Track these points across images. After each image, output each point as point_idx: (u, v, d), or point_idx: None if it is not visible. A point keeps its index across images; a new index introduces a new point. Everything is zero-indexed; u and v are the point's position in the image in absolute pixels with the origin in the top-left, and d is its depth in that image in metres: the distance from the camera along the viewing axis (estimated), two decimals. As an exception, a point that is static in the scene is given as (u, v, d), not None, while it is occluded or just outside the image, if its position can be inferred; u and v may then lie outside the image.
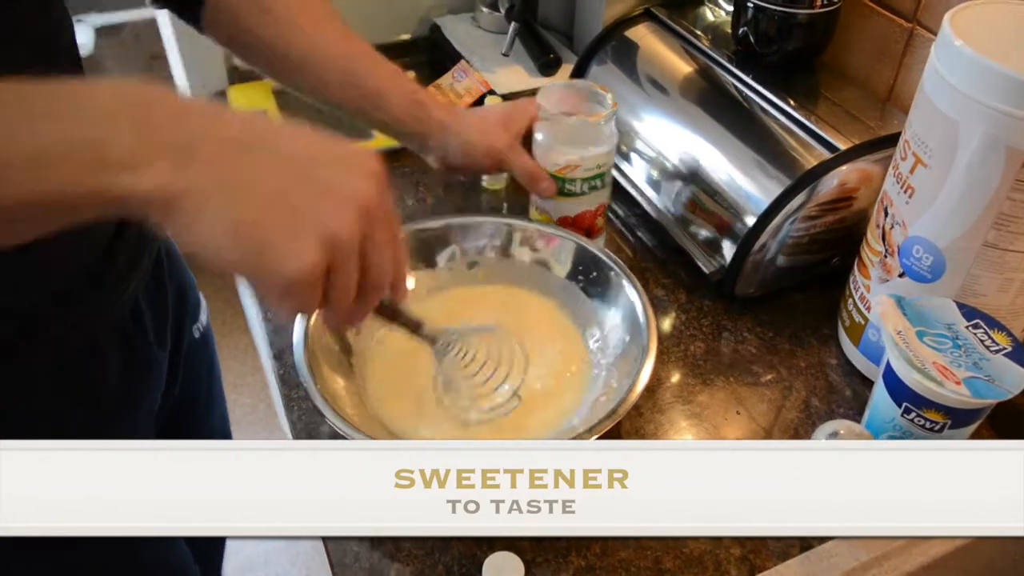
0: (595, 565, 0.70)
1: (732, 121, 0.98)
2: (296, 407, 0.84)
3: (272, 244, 0.46)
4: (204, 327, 1.00)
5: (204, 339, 1.01)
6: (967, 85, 0.67)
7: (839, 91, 1.00)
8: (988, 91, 0.66)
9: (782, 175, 0.89)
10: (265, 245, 0.46)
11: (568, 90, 0.95)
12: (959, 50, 0.67)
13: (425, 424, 0.79)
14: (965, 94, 0.67)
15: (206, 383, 1.05)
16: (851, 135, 0.89)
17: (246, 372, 2.36)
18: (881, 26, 0.98)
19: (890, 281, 0.79)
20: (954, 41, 0.67)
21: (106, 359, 0.78)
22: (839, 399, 0.85)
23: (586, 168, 0.91)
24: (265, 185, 0.46)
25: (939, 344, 0.71)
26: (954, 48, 0.67)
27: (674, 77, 1.08)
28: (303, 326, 0.79)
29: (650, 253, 1.03)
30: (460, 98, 1.20)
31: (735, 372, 0.88)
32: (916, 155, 0.73)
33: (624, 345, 0.81)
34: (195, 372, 0.99)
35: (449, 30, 1.36)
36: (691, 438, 0.82)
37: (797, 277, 0.95)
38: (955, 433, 0.70)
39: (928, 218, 0.74)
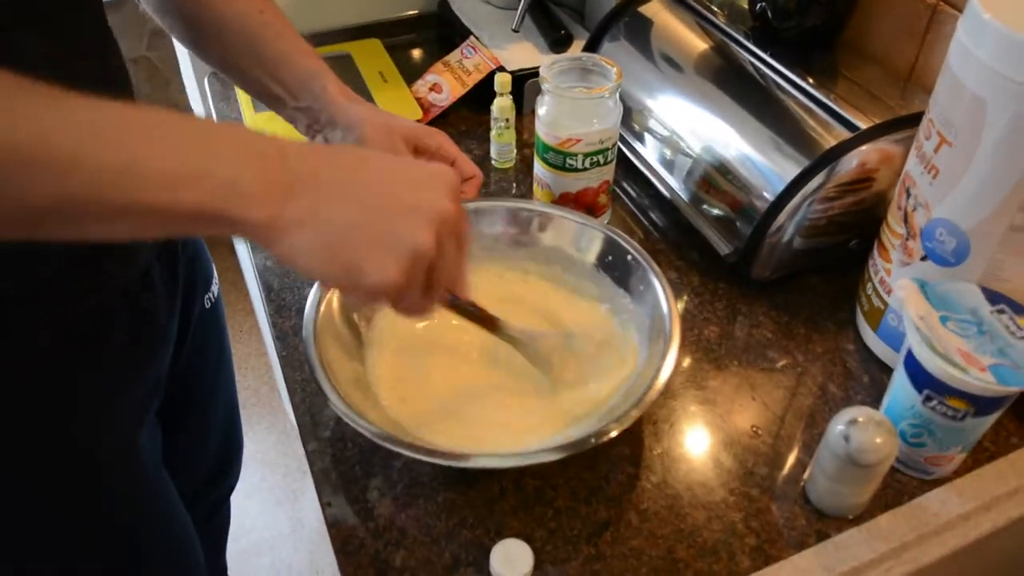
0: (606, 554, 0.69)
1: (748, 99, 0.96)
2: (300, 390, 0.82)
3: (359, 262, 0.54)
4: (215, 298, 1.01)
5: (214, 310, 1.01)
6: (996, 61, 0.64)
7: (859, 69, 0.98)
8: (1018, 67, 0.63)
9: (800, 155, 0.86)
10: (353, 263, 0.54)
11: (573, 63, 0.93)
12: (987, 24, 0.64)
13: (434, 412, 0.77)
14: (993, 70, 0.64)
15: (215, 354, 1.05)
16: (871, 114, 0.86)
17: (250, 354, 2.35)
18: (903, 2, 0.95)
19: (912, 264, 0.77)
20: (982, 15, 0.65)
21: (115, 323, 0.78)
22: (856, 385, 0.83)
23: (588, 143, 0.89)
24: (355, 209, 0.54)
25: (963, 330, 0.68)
26: (982, 22, 0.65)
27: (689, 54, 1.05)
28: (312, 311, 0.77)
29: (662, 234, 1.01)
30: (468, 75, 1.18)
31: (750, 357, 0.86)
32: (941, 134, 0.71)
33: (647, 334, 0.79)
34: (204, 342, 0.99)
35: (458, 5, 1.33)
36: (702, 424, 0.80)
37: (814, 260, 0.93)
38: (978, 422, 0.68)
39: (952, 200, 0.71)
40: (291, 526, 1.97)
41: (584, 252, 0.87)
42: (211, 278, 1.00)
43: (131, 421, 0.83)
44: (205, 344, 1.01)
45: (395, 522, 0.71)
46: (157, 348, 0.86)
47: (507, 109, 1.05)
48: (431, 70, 1.22)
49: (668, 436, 0.78)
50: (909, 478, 0.75)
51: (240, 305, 2.41)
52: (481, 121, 1.17)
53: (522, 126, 1.17)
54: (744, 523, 0.71)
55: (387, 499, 0.73)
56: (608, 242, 0.86)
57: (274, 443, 2.14)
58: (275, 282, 0.93)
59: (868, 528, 0.71)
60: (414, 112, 1.17)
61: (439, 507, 0.72)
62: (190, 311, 0.94)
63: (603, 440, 0.66)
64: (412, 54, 1.36)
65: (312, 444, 0.77)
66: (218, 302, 1.03)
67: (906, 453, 0.73)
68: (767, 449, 0.77)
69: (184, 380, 0.96)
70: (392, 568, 0.68)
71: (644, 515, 0.72)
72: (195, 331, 0.96)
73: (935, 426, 0.70)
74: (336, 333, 0.78)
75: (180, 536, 0.95)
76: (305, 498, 2.02)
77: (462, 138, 1.16)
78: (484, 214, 0.89)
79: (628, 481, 0.74)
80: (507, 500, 0.73)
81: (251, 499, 2.00)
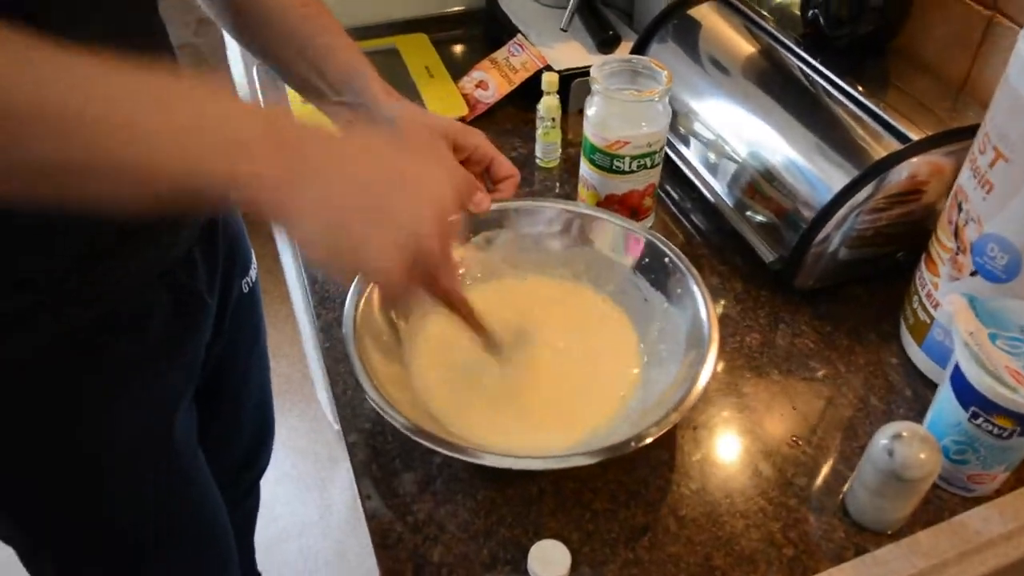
0: (643, 559, 0.69)
1: (797, 106, 0.95)
2: (342, 381, 0.83)
3: (359, 240, 0.54)
4: (253, 283, 1.02)
5: (252, 295, 1.02)
6: None
7: (911, 79, 0.97)
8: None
9: (849, 164, 0.86)
10: (352, 242, 0.54)
11: (623, 65, 0.92)
12: None
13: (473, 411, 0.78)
14: None
15: (251, 338, 1.06)
16: (923, 126, 0.85)
17: (284, 341, 2.37)
18: (958, 13, 0.94)
19: (961, 279, 0.76)
20: None
21: (156, 306, 0.79)
22: (899, 399, 0.82)
23: (636, 146, 0.89)
24: (358, 189, 0.55)
25: (1013, 348, 0.68)
26: None
27: (738, 59, 1.05)
28: (352, 302, 0.77)
29: (705, 239, 1.01)
30: (515, 72, 1.18)
31: (791, 365, 0.85)
32: (997, 149, 0.70)
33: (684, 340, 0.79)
34: (241, 326, 1.01)
35: (506, 2, 1.34)
36: (741, 431, 0.79)
37: (859, 270, 0.92)
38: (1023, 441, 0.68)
39: (1006, 215, 0.70)
40: (320, 513, 1.98)
41: (625, 256, 0.87)
42: (250, 262, 1.01)
43: (169, 404, 0.84)
44: (242, 328, 1.02)
45: (433, 517, 0.72)
46: (196, 331, 0.87)
47: (553, 108, 1.05)
48: (478, 67, 1.22)
49: (707, 442, 0.78)
50: (950, 495, 0.74)
51: (276, 292, 2.43)
52: (527, 119, 1.17)
53: (567, 125, 1.17)
54: (782, 533, 0.71)
55: (426, 494, 0.74)
56: (649, 246, 0.86)
57: (305, 431, 2.16)
58: (319, 274, 0.94)
59: (907, 544, 0.70)
60: (460, 108, 1.17)
61: (478, 504, 0.73)
62: (228, 295, 0.95)
63: (641, 444, 0.66)
64: (458, 50, 1.37)
65: (353, 436, 0.78)
66: (255, 287, 1.04)
67: (948, 470, 0.73)
68: (806, 459, 0.77)
69: (220, 364, 0.97)
70: (430, 563, 0.69)
71: (682, 521, 0.72)
72: (232, 315, 0.97)
73: (980, 444, 0.69)
74: (376, 328, 0.79)
75: (213, 518, 0.97)
76: (334, 486, 2.04)
77: (507, 136, 1.16)
78: (524, 214, 0.90)
79: (666, 486, 0.74)
80: (546, 501, 0.73)
81: (281, 485, 2.02)
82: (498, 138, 1.15)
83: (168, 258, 0.79)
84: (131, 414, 0.80)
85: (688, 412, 0.69)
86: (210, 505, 0.96)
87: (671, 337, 0.81)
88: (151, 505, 0.86)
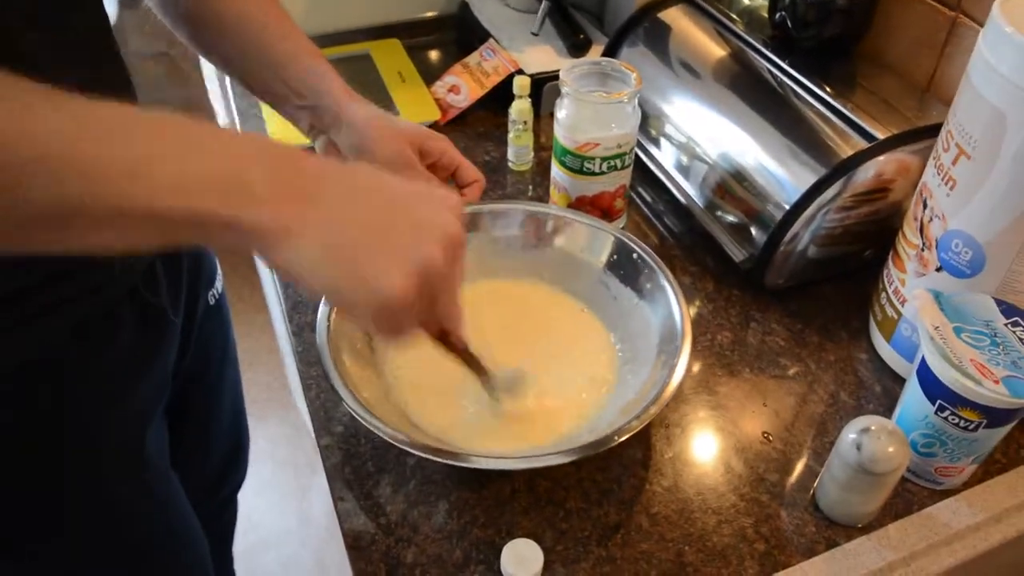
0: (616, 556, 0.69)
1: (766, 107, 0.96)
2: (315, 385, 0.83)
3: (369, 268, 0.52)
4: (219, 294, 1.00)
5: (219, 306, 1.01)
6: (1017, 75, 0.65)
7: (877, 80, 0.98)
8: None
9: (817, 164, 0.87)
10: (362, 270, 0.52)
11: (592, 68, 0.93)
12: (1009, 38, 0.64)
13: (447, 413, 0.78)
14: (1015, 84, 0.65)
15: (220, 351, 1.04)
16: (889, 124, 0.86)
17: (261, 350, 2.36)
18: (923, 14, 0.96)
19: (927, 275, 0.77)
20: (1004, 28, 0.65)
21: (119, 323, 0.77)
22: (868, 395, 0.83)
23: (606, 147, 0.90)
24: (365, 219, 0.53)
25: (977, 341, 0.69)
26: (1004, 36, 0.65)
27: (707, 61, 1.06)
28: (326, 307, 0.77)
29: (677, 239, 1.02)
30: (487, 77, 1.18)
31: (762, 363, 0.86)
32: (959, 146, 0.71)
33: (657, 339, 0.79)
34: (209, 339, 0.99)
35: (478, 7, 1.34)
36: (713, 429, 0.80)
37: (828, 269, 0.93)
38: (990, 433, 0.69)
39: (969, 211, 0.72)
40: (299, 522, 1.97)
41: (596, 256, 0.88)
42: (215, 275, 1.00)
43: (138, 421, 0.83)
44: (210, 342, 1.00)
45: (407, 519, 0.72)
46: (163, 347, 0.86)
47: (525, 112, 1.06)
48: (450, 71, 1.23)
49: (679, 440, 0.79)
50: (919, 488, 0.75)
51: (252, 300, 2.42)
52: (499, 123, 1.17)
53: (539, 129, 1.18)
54: (754, 529, 0.71)
55: (399, 496, 0.74)
56: (620, 246, 0.86)
57: (284, 439, 2.15)
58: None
59: (877, 536, 0.71)
60: (432, 112, 1.17)
61: (451, 505, 0.73)
62: (194, 309, 0.93)
63: (616, 442, 0.67)
64: (431, 55, 1.37)
65: (325, 439, 0.78)
66: (222, 298, 1.03)
67: (917, 463, 0.74)
68: (778, 456, 0.78)
69: (189, 378, 0.96)
70: (403, 565, 0.69)
71: (654, 518, 0.72)
72: (200, 329, 0.95)
73: (947, 437, 0.70)
74: (349, 332, 0.79)
75: (187, 534, 0.95)
76: (314, 494, 2.03)
77: (479, 140, 1.16)
78: (498, 216, 0.90)
79: (640, 484, 0.75)
80: (519, 500, 0.73)
81: (260, 495, 2.01)
82: (470, 142, 1.15)
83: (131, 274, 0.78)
84: (100, 432, 0.79)
85: (661, 410, 0.70)
86: (185, 519, 0.95)
87: (644, 336, 0.81)
88: (122, 523, 0.85)
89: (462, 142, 1.16)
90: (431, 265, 0.54)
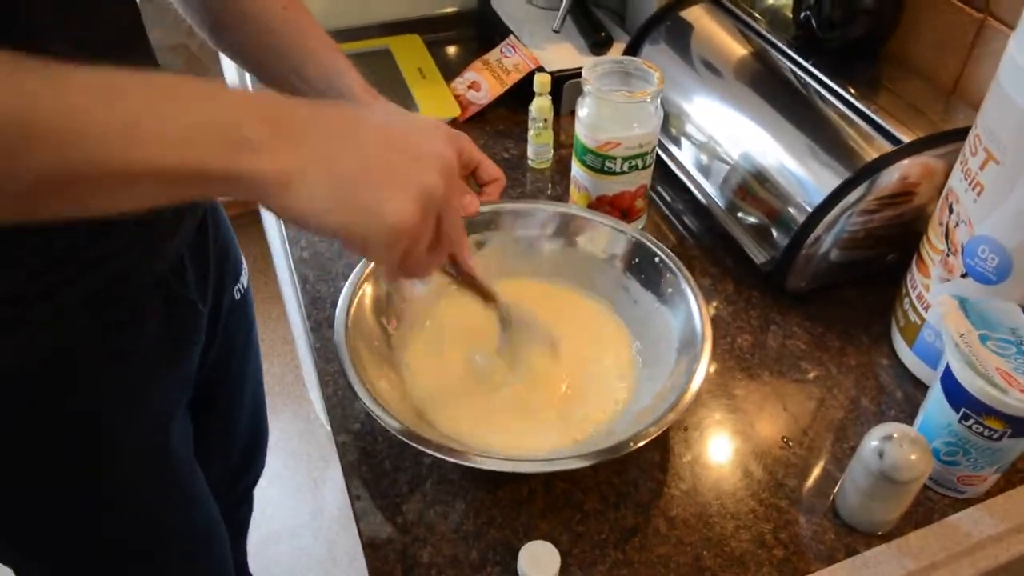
0: (633, 560, 0.69)
1: (789, 108, 0.95)
2: (332, 382, 0.82)
3: (375, 203, 0.53)
4: (244, 289, 1.01)
5: (244, 300, 1.01)
6: None
7: (902, 82, 0.97)
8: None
9: (840, 166, 0.86)
10: (369, 204, 0.53)
11: (614, 66, 0.92)
12: None
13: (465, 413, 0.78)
14: None
15: (243, 345, 1.05)
16: (914, 128, 0.85)
17: (276, 341, 2.36)
18: (950, 16, 0.95)
19: (951, 281, 0.76)
20: None
21: (147, 314, 0.78)
22: (890, 401, 0.82)
23: (627, 147, 0.89)
24: (364, 154, 0.54)
25: (1003, 349, 0.68)
26: None
27: (730, 60, 1.05)
28: (344, 302, 0.77)
29: (697, 240, 1.01)
30: (508, 74, 1.18)
31: (782, 367, 0.86)
32: (988, 151, 0.70)
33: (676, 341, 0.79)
34: (234, 332, 1.00)
35: (498, 4, 1.34)
36: (732, 433, 0.79)
37: (850, 272, 0.92)
38: (1014, 443, 0.68)
39: (997, 217, 0.71)
40: (311, 515, 1.98)
41: (616, 257, 0.87)
42: (241, 269, 1.00)
43: (164, 414, 0.84)
44: (234, 335, 1.01)
45: (423, 518, 0.72)
46: (190, 341, 0.86)
47: (546, 110, 1.05)
48: (470, 68, 1.22)
49: (698, 444, 0.78)
50: (941, 496, 0.74)
51: (268, 292, 2.43)
52: (519, 121, 1.17)
53: (560, 127, 1.17)
54: (772, 535, 0.71)
55: (416, 495, 0.73)
56: (641, 248, 0.85)
57: (298, 432, 2.15)
58: (310, 274, 0.94)
59: (898, 545, 0.70)
60: (452, 109, 1.17)
61: (468, 506, 0.73)
62: (220, 302, 0.94)
63: (637, 446, 0.66)
64: (451, 51, 1.36)
65: (342, 436, 0.78)
66: (247, 293, 1.03)
67: (939, 471, 0.73)
68: (797, 461, 0.77)
69: (213, 372, 0.97)
70: (419, 564, 0.68)
71: (672, 522, 0.72)
72: (225, 323, 0.96)
73: (970, 445, 0.69)
74: (367, 329, 0.79)
75: (208, 526, 0.96)
76: (326, 487, 2.03)
77: (499, 137, 1.16)
78: (518, 216, 0.89)
79: (657, 488, 0.74)
80: (536, 502, 0.73)
81: (273, 487, 2.01)
82: (490, 139, 1.15)
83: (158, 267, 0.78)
84: (128, 425, 0.79)
85: (681, 414, 0.69)
86: (207, 511, 0.95)
87: (663, 339, 0.81)
88: (148, 516, 0.86)
89: (482, 139, 1.15)
90: (434, 191, 0.55)
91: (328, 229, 0.53)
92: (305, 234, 0.99)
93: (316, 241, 0.98)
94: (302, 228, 0.55)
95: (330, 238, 0.67)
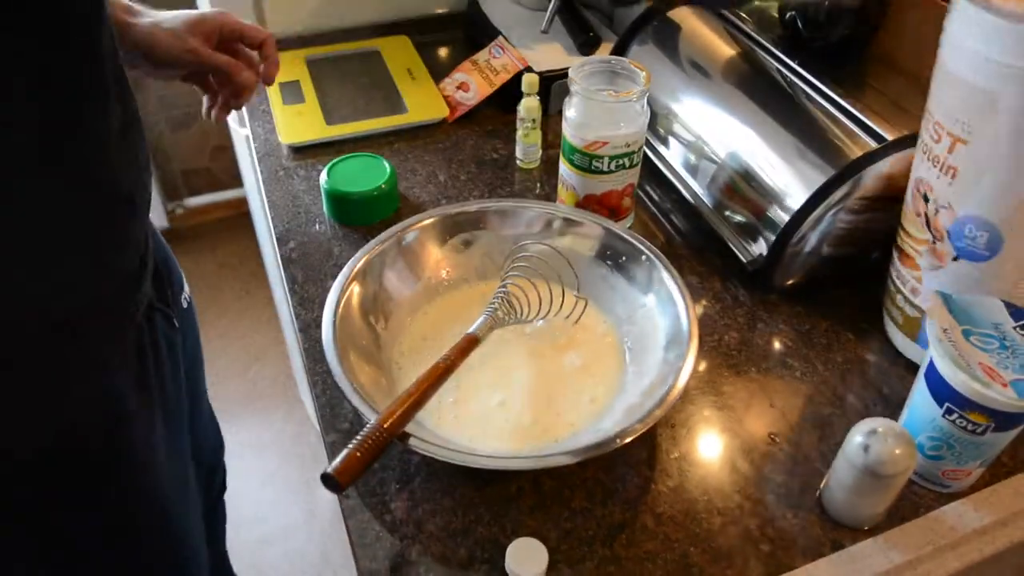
0: (620, 556, 0.69)
1: (775, 107, 0.96)
2: (320, 382, 0.83)
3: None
4: (190, 297, 1.00)
5: (191, 309, 1.01)
6: (999, 52, 0.65)
7: (887, 80, 0.97)
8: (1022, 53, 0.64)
9: (826, 164, 0.86)
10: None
11: (601, 66, 0.93)
12: (982, 16, 0.65)
13: (451, 411, 0.78)
14: (998, 62, 0.65)
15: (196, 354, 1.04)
16: (899, 126, 0.86)
17: (268, 344, 2.36)
18: (934, 15, 0.95)
19: (944, 268, 0.77)
20: (971, 7, 0.66)
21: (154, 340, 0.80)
22: (875, 396, 0.83)
23: (614, 146, 0.90)
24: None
25: (986, 344, 0.68)
26: (976, 15, 0.66)
27: (717, 60, 1.06)
28: (332, 303, 0.78)
29: (684, 239, 1.01)
30: (496, 74, 1.18)
31: (768, 364, 0.86)
32: (952, 135, 0.71)
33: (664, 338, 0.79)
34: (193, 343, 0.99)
35: (487, 5, 1.34)
36: (719, 430, 0.80)
37: (836, 270, 0.93)
38: (998, 437, 0.68)
39: (978, 194, 0.71)
40: (304, 516, 1.98)
41: (603, 256, 0.88)
42: (182, 278, 0.99)
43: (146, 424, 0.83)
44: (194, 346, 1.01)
45: (412, 516, 0.72)
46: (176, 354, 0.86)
47: (534, 110, 1.06)
48: (459, 68, 1.23)
49: (685, 440, 0.79)
50: (926, 491, 0.75)
51: (260, 295, 2.43)
52: (507, 121, 1.17)
53: (548, 127, 1.18)
54: (759, 530, 0.71)
55: (404, 493, 0.74)
56: (627, 247, 0.86)
57: (291, 433, 2.15)
58: (299, 275, 0.94)
59: (884, 539, 0.71)
60: (441, 109, 1.17)
61: (456, 503, 0.73)
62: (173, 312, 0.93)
63: (623, 442, 0.67)
64: (440, 52, 1.37)
65: (331, 436, 0.78)
66: (192, 301, 1.02)
67: (924, 466, 0.73)
68: (784, 457, 0.77)
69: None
70: (407, 562, 0.69)
71: (659, 519, 0.72)
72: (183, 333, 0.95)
73: (955, 440, 0.70)
74: (356, 329, 0.79)
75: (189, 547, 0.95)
76: (320, 489, 2.02)
77: (488, 137, 1.16)
78: (506, 215, 0.90)
79: (645, 484, 0.75)
80: (524, 499, 0.73)
81: (266, 488, 2.01)
82: (479, 140, 1.16)
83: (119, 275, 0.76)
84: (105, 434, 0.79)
85: (668, 410, 0.70)
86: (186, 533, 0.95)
87: (651, 336, 0.81)
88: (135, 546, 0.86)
89: (471, 139, 1.16)
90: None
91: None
92: (294, 234, 0.99)
93: (305, 241, 0.99)
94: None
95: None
